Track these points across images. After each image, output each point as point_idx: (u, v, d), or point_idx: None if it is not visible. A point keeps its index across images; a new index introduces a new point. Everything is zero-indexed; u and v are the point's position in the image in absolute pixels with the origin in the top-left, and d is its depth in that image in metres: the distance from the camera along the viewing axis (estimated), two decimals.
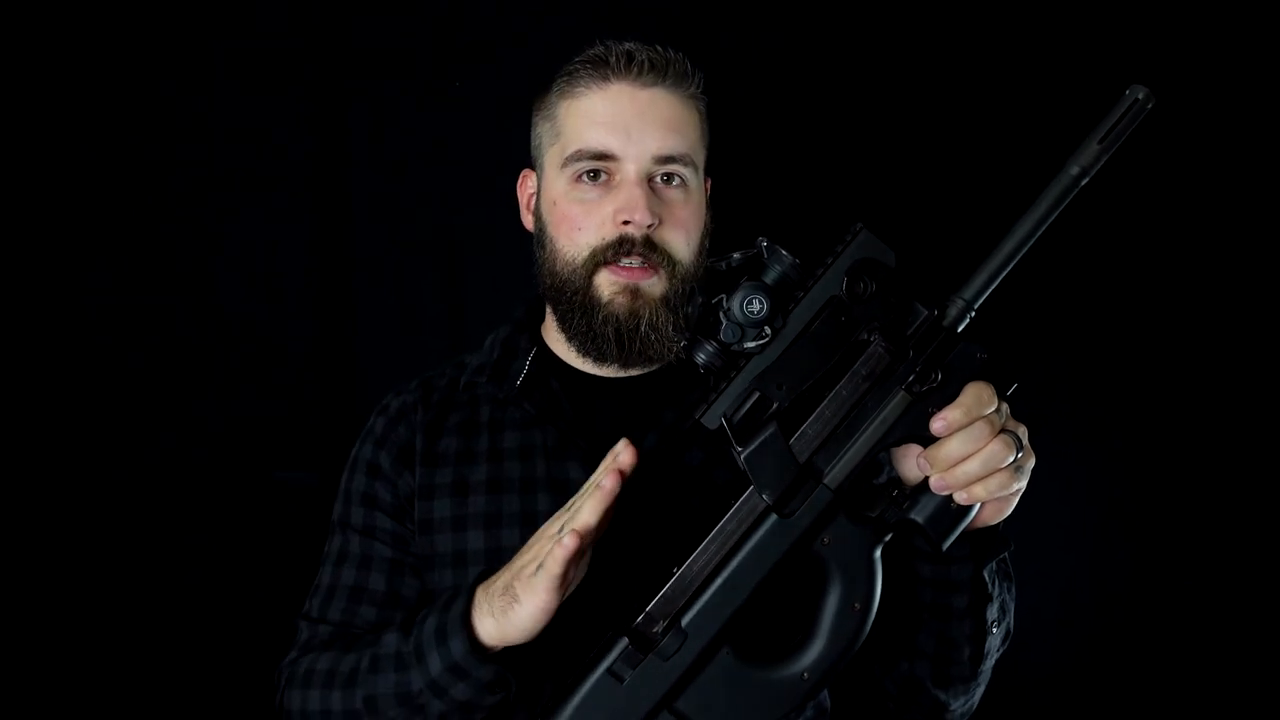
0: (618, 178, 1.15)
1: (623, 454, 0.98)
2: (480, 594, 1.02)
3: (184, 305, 1.58)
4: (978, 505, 0.97)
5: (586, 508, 0.97)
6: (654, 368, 1.21)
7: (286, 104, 1.59)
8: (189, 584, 1.58)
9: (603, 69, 1.16)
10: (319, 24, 1.59)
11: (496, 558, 1.13)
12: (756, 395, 0.98)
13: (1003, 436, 0.95)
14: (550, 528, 1.01)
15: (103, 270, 1.57)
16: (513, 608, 0.98)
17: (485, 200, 1.58)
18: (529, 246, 1.25)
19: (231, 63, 1.58)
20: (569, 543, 0.94)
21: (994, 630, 1.09)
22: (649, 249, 1.14)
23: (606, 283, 1.15)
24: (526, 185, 1.27)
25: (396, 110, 1.60)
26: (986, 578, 1.05)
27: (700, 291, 1.14)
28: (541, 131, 1.22)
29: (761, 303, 0.97)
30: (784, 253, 0.99)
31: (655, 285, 1.15)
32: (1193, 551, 1.56)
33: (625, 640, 0.96)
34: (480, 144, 1.59)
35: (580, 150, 1.15)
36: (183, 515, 1.58)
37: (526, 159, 1.26)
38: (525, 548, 1.02)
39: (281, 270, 1.60)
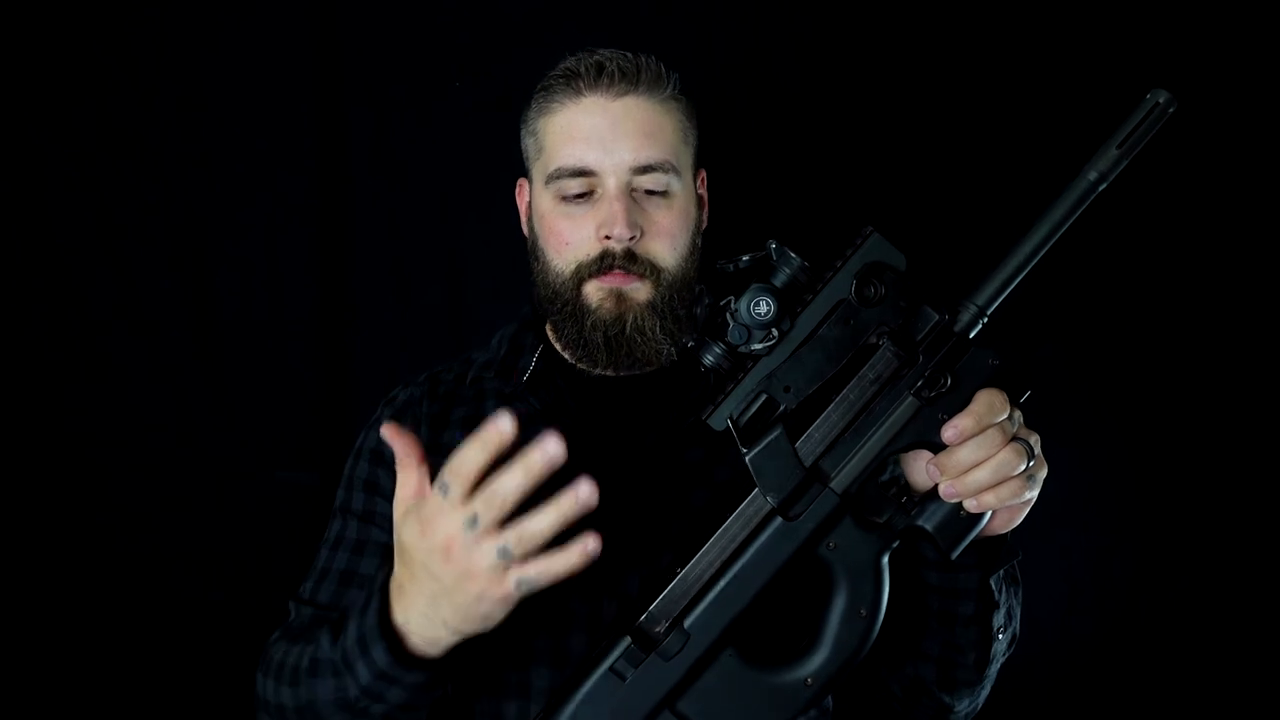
0: (599, 191, 1.16)
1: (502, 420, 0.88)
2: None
3: (184, 305, 1.58)
4: (988, 514, 0.97)
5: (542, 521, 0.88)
6: (649, 369, 1.21)
7: (287, 104, 1.58)
8: (189, 584, 1.57)
9: (575, 82, 1.16)
10: (319, 24, 1.59)
11: None
12: (763, 397, 0.98)
13: (1014, 445, 0.94)
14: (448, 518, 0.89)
15: (103, 270, 1.57)
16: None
17: (486, 201, 1.57)
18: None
19: (232, 63, 1.57)
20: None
21: (1000, 636, 1.09)
22: (630, 261, 1.14)
23: (593, 290, 1.16)
24: (522, 195, 1.28)
25: (397, 111, 1.60)
26: (993, 585, 1.05)
27: (708, 293, 1.14)
28: (527, 145, 1.23)
29: (768, 305, 0.97)
30: (793, 255, 0.99)
31: (640, 291, 1.15)
32: (1190, 553, 1.55)
33: (628, 639, 0.96)
34: (481, 146, 1.58)
35: (560, 168, 1.16)
36: (183, 515, 1.57)
37: (524, 164, 1.27)
38: (435, 550, 0.89)
39: (281, 270, 1.59)
